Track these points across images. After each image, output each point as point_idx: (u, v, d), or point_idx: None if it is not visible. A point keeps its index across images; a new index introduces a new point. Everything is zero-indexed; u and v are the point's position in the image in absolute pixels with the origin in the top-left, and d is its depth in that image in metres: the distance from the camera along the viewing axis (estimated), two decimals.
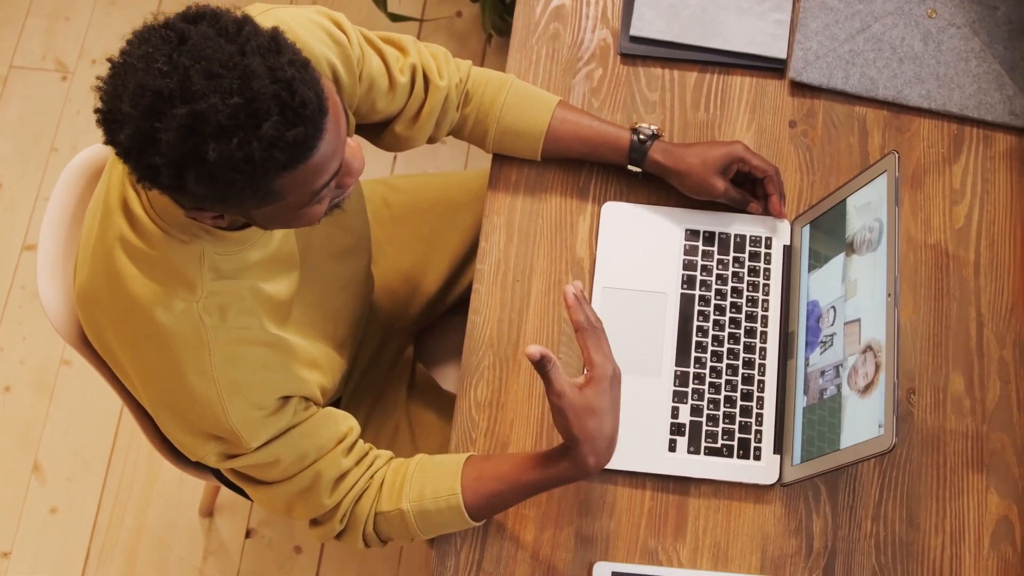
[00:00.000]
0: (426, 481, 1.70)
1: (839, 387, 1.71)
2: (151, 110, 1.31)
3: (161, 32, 1.34)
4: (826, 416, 1.72)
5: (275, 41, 1.36)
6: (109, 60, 1.37)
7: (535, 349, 1.53)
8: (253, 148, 1.32)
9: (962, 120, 2.02)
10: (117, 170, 1.58)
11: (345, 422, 1.71)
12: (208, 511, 2.77)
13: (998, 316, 1.91)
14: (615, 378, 1.59)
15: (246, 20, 1.37)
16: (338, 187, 1.49)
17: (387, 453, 1.76)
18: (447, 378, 2.24)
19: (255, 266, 1.60)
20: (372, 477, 1.72)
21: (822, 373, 1.76)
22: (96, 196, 1.64)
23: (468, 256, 2.19)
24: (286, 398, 1.64)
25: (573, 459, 1.61)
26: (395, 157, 3.08)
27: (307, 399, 1.69)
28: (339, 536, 1.75)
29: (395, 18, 2.92)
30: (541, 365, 1.55)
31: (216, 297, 1.55)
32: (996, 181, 1.99)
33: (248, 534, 2.76)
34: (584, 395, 1.57)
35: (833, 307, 1.77)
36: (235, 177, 1.34)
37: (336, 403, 2.06)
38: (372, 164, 3.03)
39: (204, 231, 1.53)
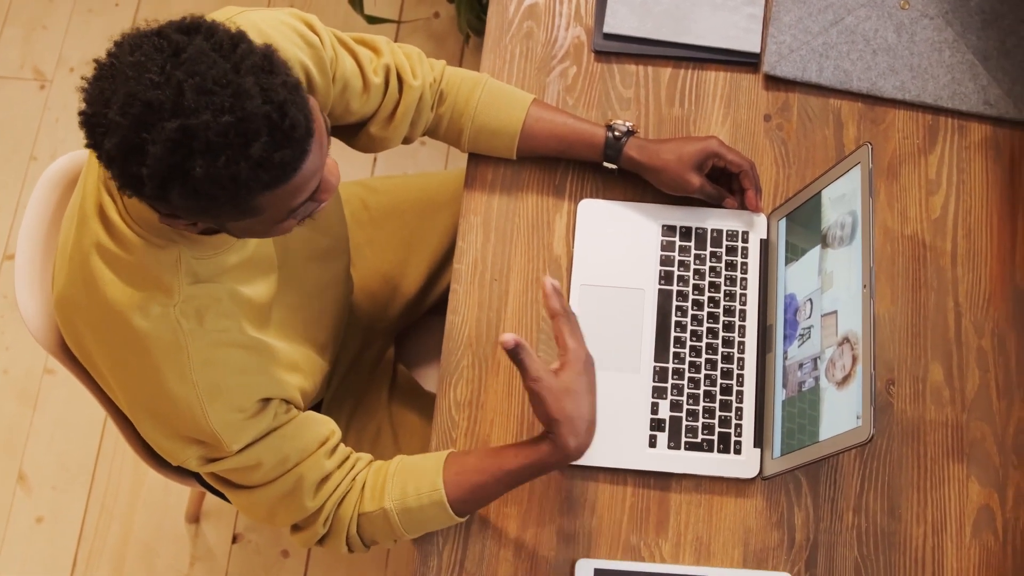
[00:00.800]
0: (408, 479, 1.70)
1: (817, 380, 1.71)
2: (140, 121, 1.31)
3: (154, 41, 1.34)
4: (805, 409, 1.72)
5: (269, 61, 1.36)
6: (95, 61, 1.36)
7: (509, 337, 1.57)
8: (240, 167, 1.32)
9: (937, 111, 2.03)
10: (92, 176, 1.58)
11: (326, 425, 1.71)
12: (194, 517, 2.77)
13: (976, 306, 1.91)
14: (588, 362, 1.63)
15: (241, 37, 1.36)
16: (313, 202, 1.50)
17: (368, 456, 1.76)
18: (429, 379, 2.24)
19: (233, 269, 1.60)
20: (354, 479, 1.72)
21: (800, 366, 1.76)
22: (72, 203, 1.64)
23: (447, 256, 2.19)
24: (267, 400, 1.64)
25: (554, 441, 1.63)
26: (375, 158, 3.08)
27: (287, 402, 1.69)
28: (322, 540, 1.74)
29: (372, 20, 2.92)
30: (515, 353, 1.58)
31: (193, 301, 1.55)
32: (972, 171, 1.99)
33: (235, 539, 2.76)
34: (560, 378, 1.61)
35: (810, 300, 1.77)
36: (218, 193, 1.34)
37: (318, 405, 2.06)
38: (352, 165, 3.03)
39: (180, 235, 1.53)
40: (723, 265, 1.90)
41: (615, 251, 1.91)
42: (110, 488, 2.80)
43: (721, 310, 1.88)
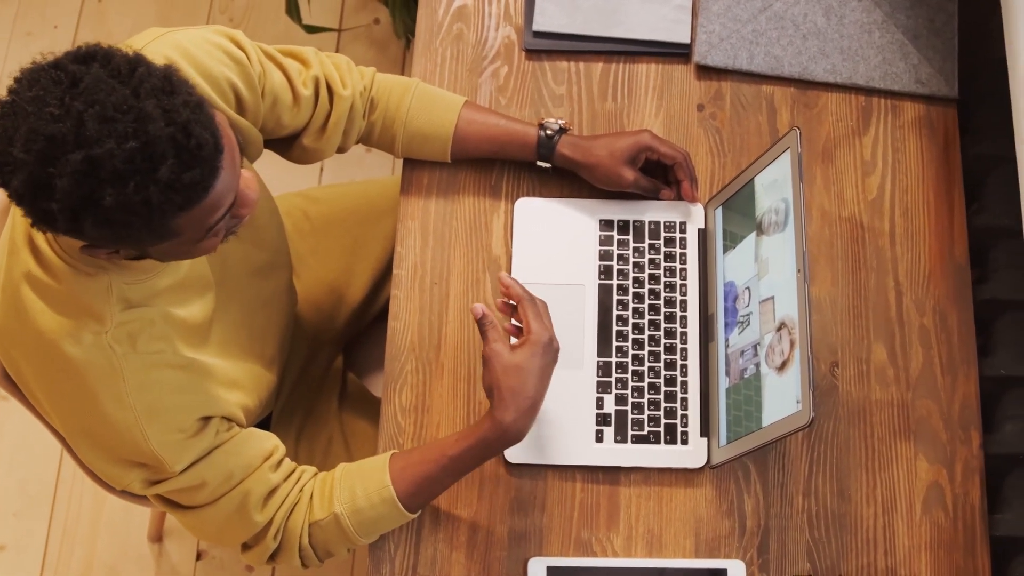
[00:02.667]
0: (355, 481, 1.70)
1: (758, 366, 1.71)
2: (45, 156, 1.29)
3: (51, 73, 1.33)
4: (751, 395, 1.72)
5: (169, 81, 1.35)
6: None
7: (479, 307, 1.66)
8: (150, 192, 1.31)
9: (869, 92, 2.03)
10: None
11: (270, 440, 1.71)
12: (157, 536, 2.76)
13: (916, 284, 1.92)
14: (549, 346, 1.66)
15: (139, 60, 1.35)
16: (233, 217, 1.49)
17: (312, 468, 1.75)
18: (379, 386, 2.23)
19: (165, 292, 1.59)
20: (301, 490, 1.72)
21: (742, 353, 1.76)
22: (4, 233, 1.63)
23: (392, 263, 2.19)
24: (207, 419, 1.63)
25: (491, 415, 1.65)
26: (322, 167, 3.08)
27: (229, 419, 1.68)
28: (274, 556, 1.74)
29: (311, 29, 2.91)
30: (481, 322, 1.66)
31: (125, 326, 1.54)
32: (906, 150, 2.00)
33: (199, 556, 2.75)
34: (515, 353, 1.65)
35: (748, 287, 1.78)
36: (131, 220, 1.33)
37: (267, 418, 2.05)
38: (298, 175, 3.02)
39: (111, 262, 1.52)
40: (662, 256, 1.91)
41: (553, 248, 1.92)
42: (71, 512, 2.79)
43: (662, 301, 1.88)
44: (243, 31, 3.17)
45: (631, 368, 1.85)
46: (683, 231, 1.92)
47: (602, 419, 1.83)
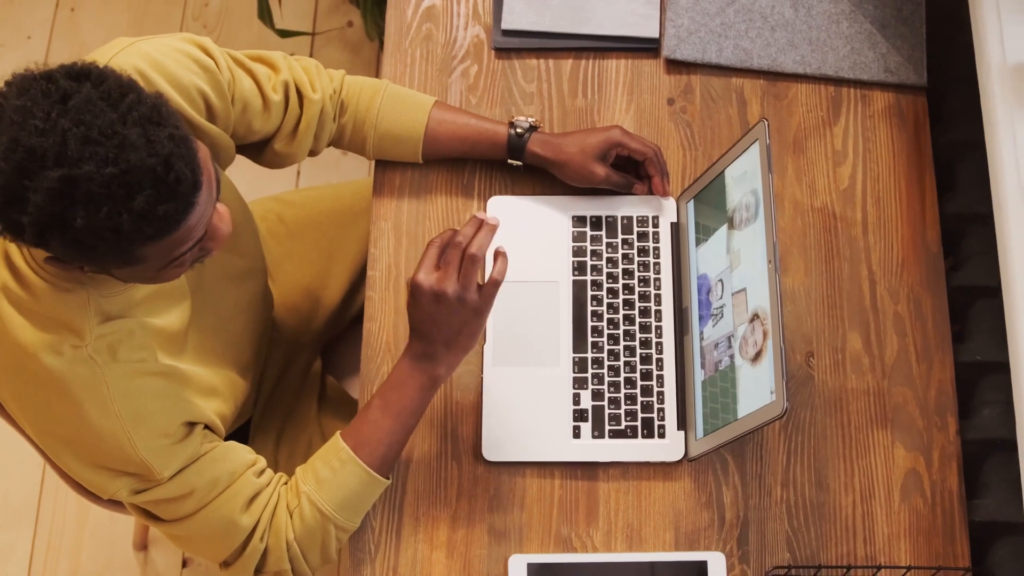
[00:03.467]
0: (314, 461, 1.72)
1: (732, 358, 1.72)
2: (22, 168, 1.29)
3: (43, 85, 1.32)
4: (727, 387, 1.73)
5: (157, 111, 1.34)
6: None
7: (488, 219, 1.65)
8: (122, 220, 1.31)
9: (838, 82, 2.04)
10: None
11: (251, 452, 1.72)
12: (142, 544, 2.75)
13: (889, 272, 1.93)
14: (425, 297, 1.64)
15: (131, 86, 1.35)
16: (201, 250, 1.49)
17: (286, 476, 1.76)
18: (358, 388, 2.23)
19: (142, 302, 1.59)
20: (280, 495, 1.72)
21: (716, 345, 1.77)
22: None
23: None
24: (191, 424, 1.64)
25: (408, 344, 1.69)
26: (298, 171, 3.08)
27: (209, 428, 1.69)
28: (263, 560, 1.72)
29: (285, 34, 2.91)
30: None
31: (105, 339, 1.54)
32: (877, 139, 2.00)
33: (185, 563, 2.75)
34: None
35: (721, 279, 1.78)
36: (99, 244, 1.33)
37: (247, 424, 2.06)
38: (275, 179, 3.02)
39: (87, 276, 1.52)
40: (635, 251, 1.91)
41: (527, 246, 1.92)
42: (55, 524, 2.79)
43: (636, 296, 1.89)
44: (216, 37, 3.19)
45: (607, 363, 1.85)
46: (656, 225, 1.92)
47: (579, 415, 1.83)
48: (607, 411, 1.83)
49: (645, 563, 1.77)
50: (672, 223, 1.92)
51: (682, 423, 1.83)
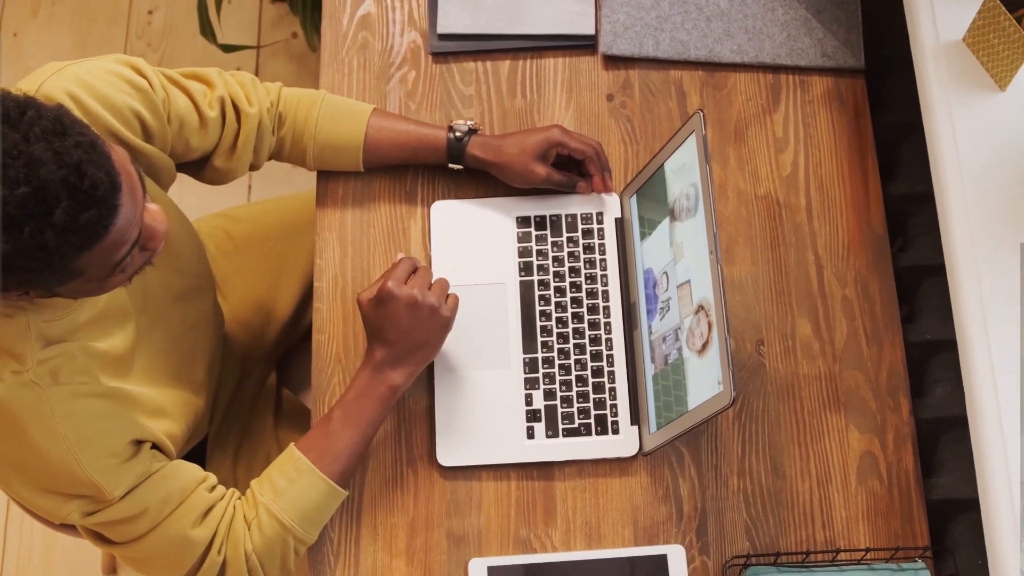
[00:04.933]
0: (270, 471, 1.72)
1: (680, 350, 1.72)
2: None
3: None
4: (678, 380, 1.73)
5: (60, 123, 1.34)
6: None
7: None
8: (46, 236, 1.31)
9: (776, 69, 2.04)
10: None
11: (201, 470, 1.71)
12: (111, 568, 2.74)
13: (836, 256, 1.93)
14: (383, 301, 1.71)
15: (29, 103, 1.34)
16: (142, 250, 1.48)
17: (239, 492, 1.75)
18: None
19: (85, 326, 1.59)
20: (235, 508, 1.71)
21: (664, 339, 1.77)
22: None
23: None
24: (138, 443, 1.63)
25: (367, 352, 1.73)
26: (249, 184, 3.07)
27: (158, 447, 1.68)
28: (222, 571, 1.72)
29: (228, 48, 2.90)
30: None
31: (46, 364, 1.53)
32: (817, 124, 2.01)
33: None
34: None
35: (666, 272, 1.78)
36: (31, 264, 1.33)
37: (203, 441, 2.05)
38: (226, 195, 3.01)
39: (28, 302, 1.51)
40: (581, 249, 1.91)
41: (472, 249, 1.91)
42: (23, 551, 2.77)
43: (584, 293, 1.89)
44: (161, 56, 3.18)
45: (557, 362, 1.85)
46: (600, 222, 1.92)
47: (532, 415, 1.83)
48: (560, 410, 1.83)
49: (605, 560, 1.77)
50: (616, 219, 1.93)
51: (635, 418, 1.83)
